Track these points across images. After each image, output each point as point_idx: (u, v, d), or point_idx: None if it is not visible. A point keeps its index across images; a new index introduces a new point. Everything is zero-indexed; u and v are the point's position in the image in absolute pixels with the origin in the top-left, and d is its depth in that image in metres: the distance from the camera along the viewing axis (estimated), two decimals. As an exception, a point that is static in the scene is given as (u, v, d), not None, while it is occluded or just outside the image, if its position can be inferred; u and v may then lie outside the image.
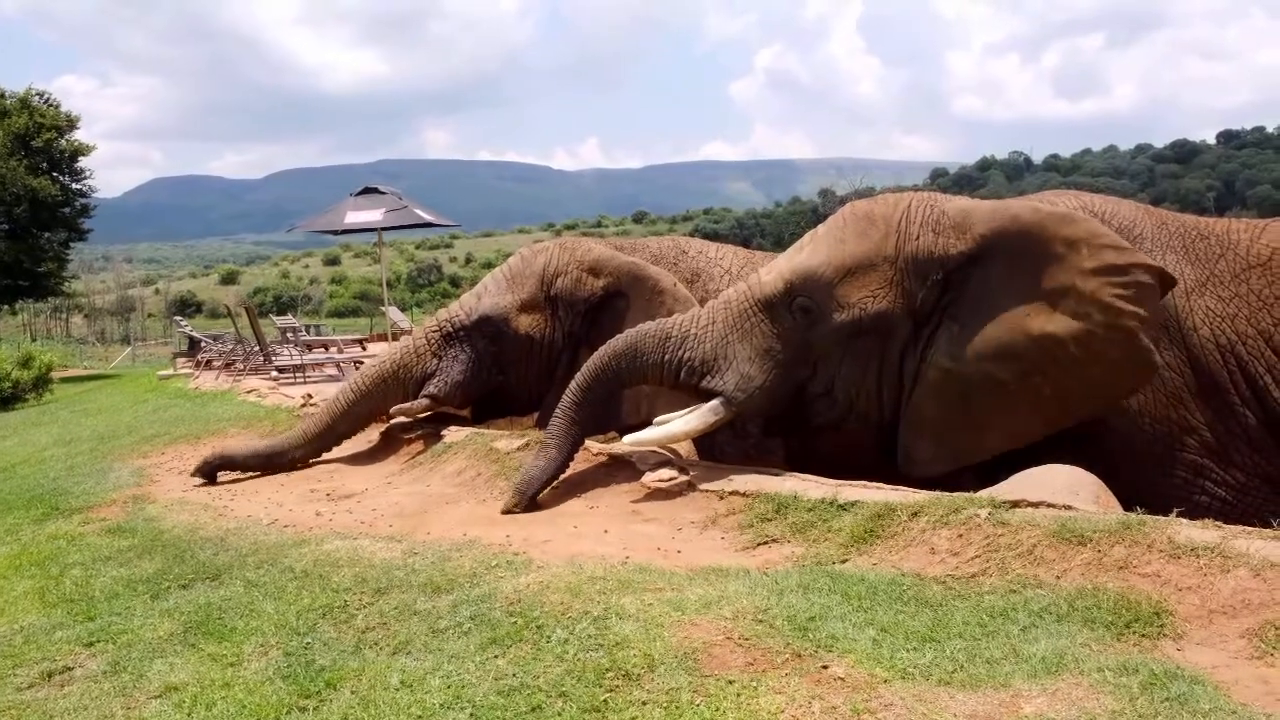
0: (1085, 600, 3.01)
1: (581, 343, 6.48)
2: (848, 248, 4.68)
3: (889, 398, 4.69)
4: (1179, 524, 3.33)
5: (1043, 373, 4.39)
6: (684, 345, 4.84)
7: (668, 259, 6.62)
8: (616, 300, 6.37)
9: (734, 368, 4.73)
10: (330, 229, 14.33)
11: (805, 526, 4.04)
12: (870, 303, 4.58)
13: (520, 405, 6.75)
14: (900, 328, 4.61)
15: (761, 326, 4.75)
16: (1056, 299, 4.40)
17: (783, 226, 70.25)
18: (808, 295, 4.67)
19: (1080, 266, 4.39)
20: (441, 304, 54.48)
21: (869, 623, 2.94)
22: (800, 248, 4.91)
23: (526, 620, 3.15)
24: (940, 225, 4.61)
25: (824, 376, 4.72)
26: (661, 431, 4.85)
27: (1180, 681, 2.45)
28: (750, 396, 4.70)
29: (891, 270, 4.59)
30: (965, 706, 2.39)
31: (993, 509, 3.66)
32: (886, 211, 4.73)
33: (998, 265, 4.50)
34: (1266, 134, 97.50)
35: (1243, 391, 4.51)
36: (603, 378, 4.94)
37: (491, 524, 4.62)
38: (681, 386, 4.87)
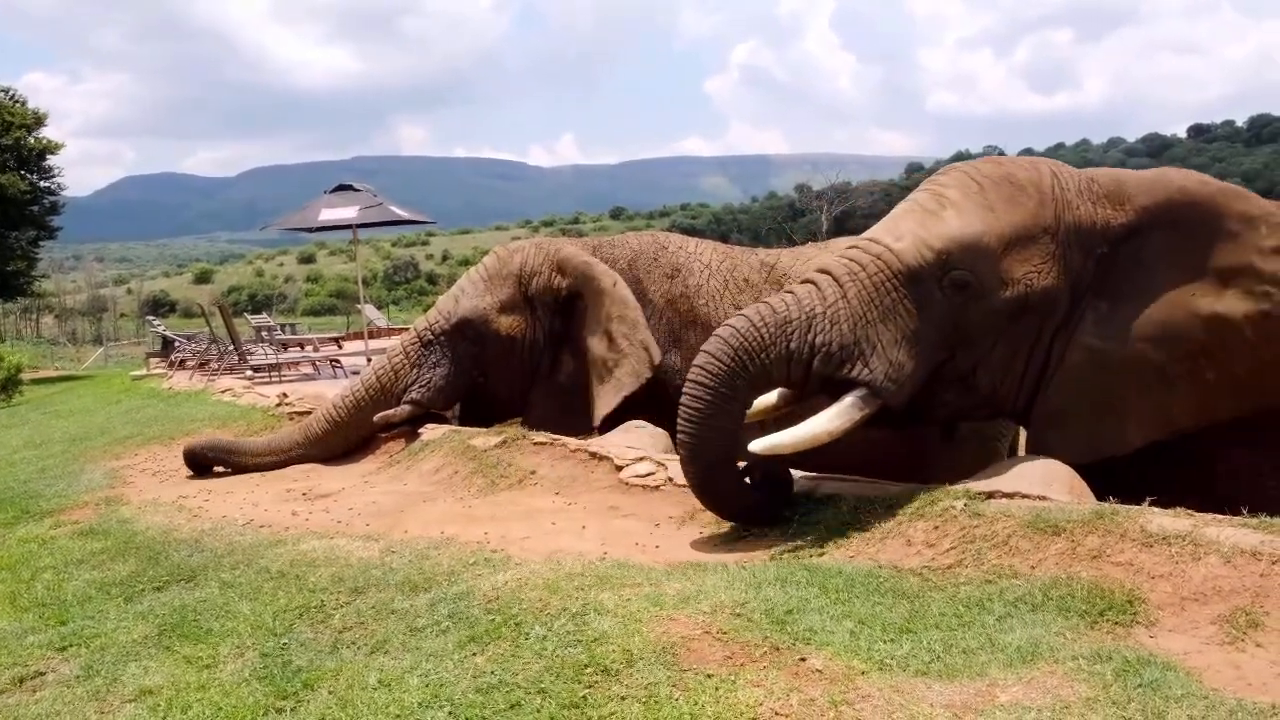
0: (1060, 589, 3.03)
1: (563, 341, 6.49)
2: (1002, 216, 4.11)
3: (1030, 384, 4.25)
4: (1151, 513, 3.36)
5: (1209, 355, 4.03)
6: (812, 328, 4.01)
7: (647, 255, 6.63)
8: (578, 300, 6.42)
9: (879, 353, 4.00)
10: (305, 227, 14.21)
11: (783, 520, 4.05)
12: (1036, 279, 4.06)
13: (504, 405, 6.75)
14: (1060, 307, 4.16)
15: (905, 304, 4.04)
16: (1229, 278, 4.05)
17: (759, 222, 70.42)
18: (967, 267, 4.04)
19: (1259, 245, 4.05)
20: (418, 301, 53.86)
21: (846, 615, 2.95)
22: (929, 213, 4.20)
23: (505, 618, 3.15)
24: (1094, 194, 4.21)
25: (965, 361, 4.15)
26: (801, 434, 3.99)
27: (1153, 668, 2.48)
28: (900, 387, 4.01)
29: (1053, 243, 4.11)
30: (942, 697, 2.41)
31: (968, 500, 3.69)
32: (1030, 176, 4.23)
33: (1158, 240, 4.14)
34: (1236, 128, 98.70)
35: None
36: (725, 405, 3.96)
37: (469, 522, 4.61)
38: (813, 378, 4.06)
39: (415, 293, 61.51)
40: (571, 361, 6.48)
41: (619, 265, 6.54)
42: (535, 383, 6.56)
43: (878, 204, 68.49)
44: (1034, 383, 4.24)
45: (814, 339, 4.01)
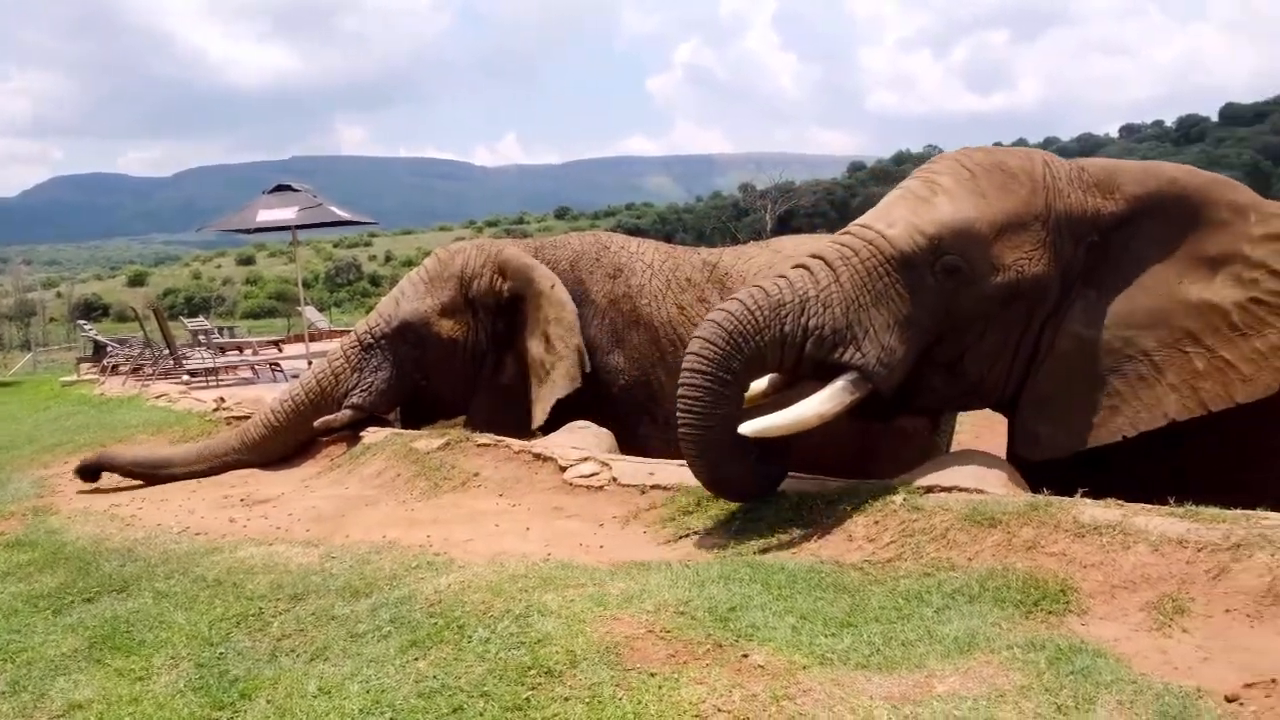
0: (995, 580, 3.09)
1: (505, 345, 6.45)
2: (993, 202, 4.12)
3: (1018, 372, 4.26)
4: (1084, 504, 3.44)
5: (1197, 342, 4.04)
6: (806, 312, 4.00)
7: (589, 255, 6.62)
8: (519, 302, 6.39)
9: (871, 337, 4.00)
10: (242, 228, 13.95)
11: (726, 518, 4.08)
12: (1027, 265, 4.08)
13: (447, 408, 6.70)
14: (1051, 294, 4.18)
15: (898, 288, 4.05)
16: (1218, 265, 4.09)
17: (704, 221, 70.68)
18: (958, 253, 4.05)
19: (1249, 233, 4.09)
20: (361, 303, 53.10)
21: (789, 610, 2.98)
22: (922, 200, 4.22)
23: (448, 621, 3.12)
24: (1085, 183, 4.23)
25: (953, 348, 4.17)
26: (792, 416, 3.96)
27: (1084, 655, 2.54)
28: (891, 371, 4.02)
29: (1044, 230, 4.11)
30: (881, 689, 2.44)
31: (907, 495, 3.74)
32: (1023, 164, 4.25)
33: (1148, 229, 4.18)
34: (1165, 127, 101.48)
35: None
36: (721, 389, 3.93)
37: (412, 525, 4.56)
38: (805, 362, 4.05)
39: (358, 294, 60.64)
40: (513, 364, 6.45)
41: (561, 266, 6.52)
42: (478, 385, 6.52)
43: (821, 203, 69.22)
44: (1023, 371, 4.25)
45: (807, 322, 4.00)
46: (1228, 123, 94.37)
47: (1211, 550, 3.00)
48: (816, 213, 64.68)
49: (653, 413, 6.25)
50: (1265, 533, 3.02)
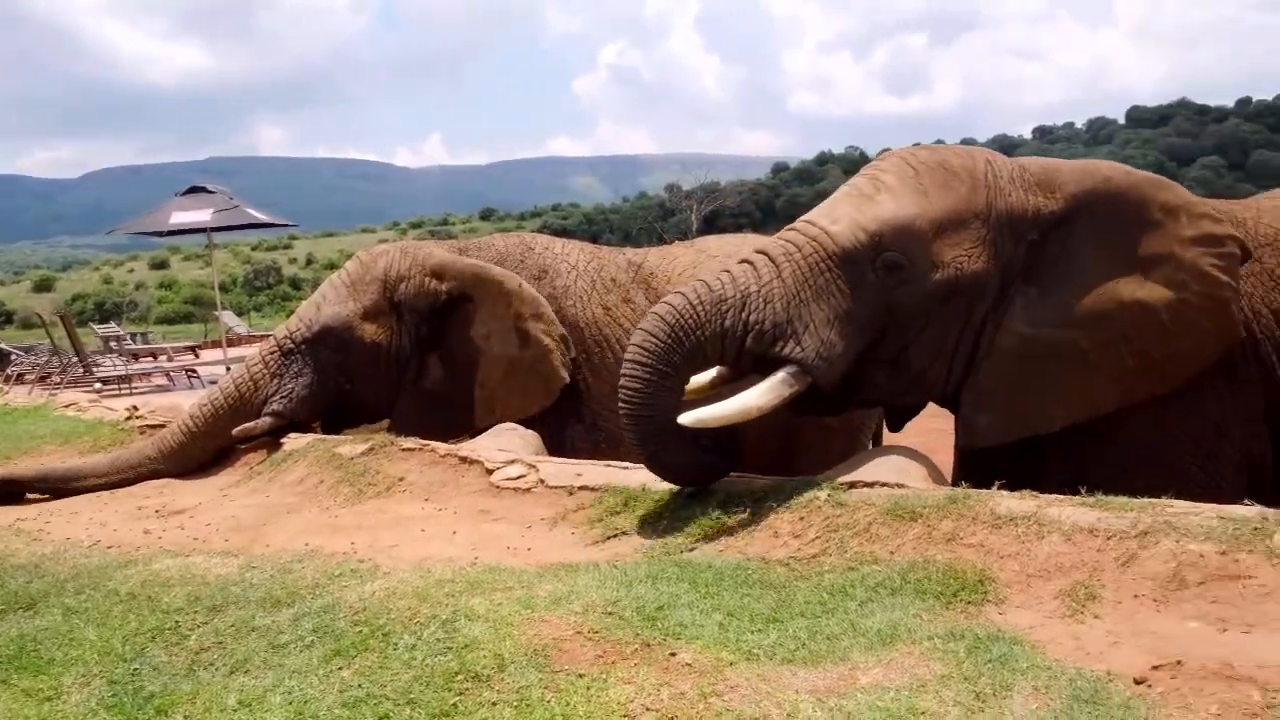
0: (917, 573, 3.16)
1: (430, 348, 6.37)
2: (935, 200, 4.21)
3: (959, 367, 4.35)
4: (1000, 496, 3.54)
5: (1129, 341, 4.16)
6: (746, 306, 4.07)
7: (514, 256, 6.58)
8: (463, 304, 6.31)
9: (812, 332, 4.06)
10: (155, 230, 13.55)
11: (654, 517, 4.09)
12: (966, 262, 4.17)
13: (370, 413, 6.60)
14: (990, 291, 4.26)
15: (839, 284, 4.12)
16: (1151, 266, 4.19)
17: (630, 221, 70.82)
18: (899, 250, 4.13)
19: (1180, 235, 4.19)
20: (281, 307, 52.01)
21: (716, 608, 3.00)
22: (866, 197, 4.30)
23: (372, 629, 3.07)
24: (1026, 182, 4.31)
25: (895, 343, 4.24)
26: (730, 408, 4.02)
27: (1001, 643, 2.61)
28: (831, 365, 4.08)
29: (984, 228, 4.21)
30: (807, 683, 2.48)
31: (831, 491, 3.80)
32: (965, 163, 4.34)
33: (1085, 228, 4.27)
34: (1076, 129, 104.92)
35: (1250, 369, 4.35)
36: (661, 381, 4.01)
37: (335, 532, 4.48)
38: (744, 355, 4.11)
39: (278, 298, 59.34)
40: (439, 368, 6.37)
41: None
42: (401, 390, 6.43)
43: (746, 203, 69.90)
44: (964, 366, 4.34)
45: (748, 317, 4.06)
46: (1134, 125, 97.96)
47: (1120, 538, 3.11)
48: (742, 213, 65.33)
49: (580, 414, 6.25)
50: (1170, 520, 3.14)
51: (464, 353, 6.30)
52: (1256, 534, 2.98)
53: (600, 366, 6.27)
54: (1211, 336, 4.14)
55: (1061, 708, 2.27)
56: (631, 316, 6.33)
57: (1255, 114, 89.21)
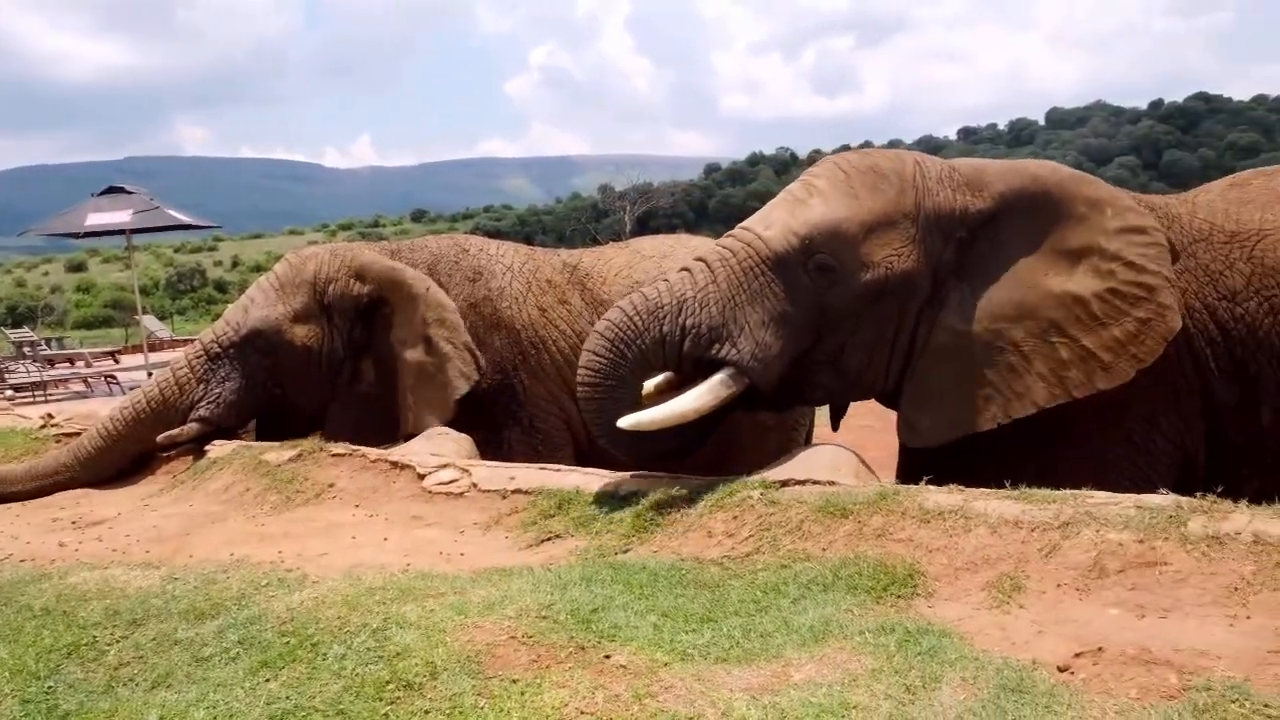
0: (848, 569, 3.20)
1: (363, 351, 6.26)
2: (864, 203, 4.30)
3: (896, 365, 4.42)
4: (928, 491, 3.60)
5: (1061, 333, 4.22)
6: (683, 311, 4.22)
7: (448, 258, 6.50)
8: (383, 307, 6.22)
9: (747, 334, 4.20)
10: (70, 232, 13.12)
11: (588, 520, 4.08)
12: (896, 262, 4.26)
13: (303, 419, 6.44)
14: (922, 290, 4.34)
15: (773, 287, 4.25)
16: (1078, 258, 4.27)
17: (564, 223, 70.62)
18: (830, 252, 4.23)
19: (1104, 226, 4.27)
20: (206, 310, 50.75)
21: (650, 609, 3.00)
22: (798, 201, 4.42)
23: (301, 639, 3.00)
24: (955, 181, 4.40)
25: (831, 343, 4.35)
26: (668, 410, 4.12)
27: (931, 636, 2.65)
28: (767, 366, 4.21)
29: (913, 228, 4.30)
30: (741, 681, 2.49)
31: (764, 490, 3.83)
32: (894, 165, 4.43)
33: (1014, 224, 4.35)
34: (999, 130, 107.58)
35: (1184, 363, 4.40)
36: (611, 394, 4.22)
37: (262, 541, 4.37)
38: (684, 359, 4.25)
39: (202, 301, 57.84)
40: (373, 371, 6.27)
41: (419, 270, 6.39)
42: (334, 394, 6.32)
43: (679, 204, 70.18)
44: (901, 363, 4.41)
45: (684, 321, 4.22)
46: (1054, 126, 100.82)
47: (1044, 529, 3.19)
48: (675, 214, 65.61)
49: (517, 416, 6.19)
50: (1091, 510, 3.23)
51: (389, 356, 6.22)
52: (1172, 522, 3.07)
53: (537, 368, 6.23)
54: (1144, 326, 4.18)
55: (989, 697, 2.31)
56: (568, 318, 6.30)
57: (1167, 115, 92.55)
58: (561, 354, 6.21)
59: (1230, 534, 2.97)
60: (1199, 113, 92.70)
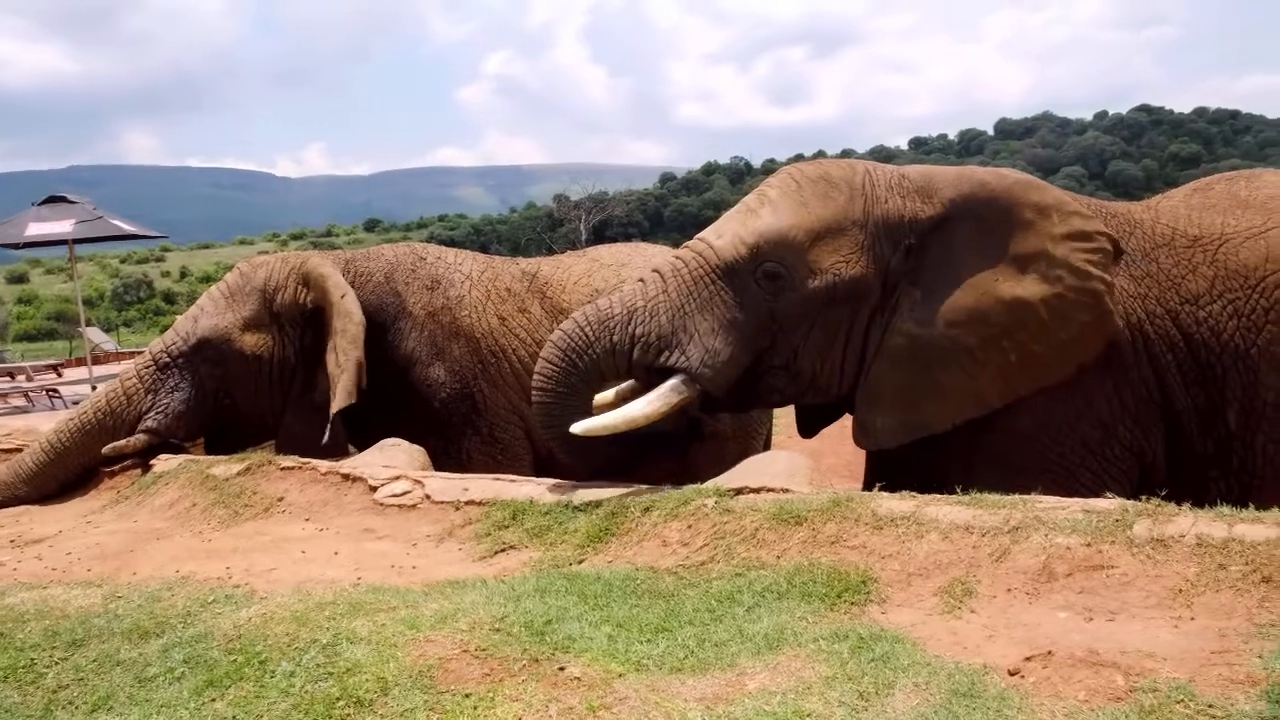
0: (802, 576, 3.21)
1: (316, 361, 6.16)
2: (813, 210, 4.37)
3: (850, 369, 4.47)
4: (881, 497, 3.63)
5: (1011, 337, 4.28)
6: (632, 321, 4.31)
7: (405, 266, 6.43)
8: (320, 314, 6.13)
9: (696, 341, 4.27)
10: (9, 243, 12.79)
11: (542, 530, 4.04)
12: (844, 268, 4.32)
13: (255, 430, 6.31)
14: (872, 295, 4.40)
15: (722, 295, 4.32)
16: (1026, 264, 4.32)
17: (519, 232, 70.42)
18: (777, 260, 4.30)
19: (1051, 232, 4.33)
20: (154, 322, 49.83)
21: (605, 620, 2.98)
22: (750, 211, 4.49)
23: (248, 656, 2.94)
24: (905, 189, 4.46)
25: (785, 348, 4.40)
26: (619, 417, 4.23)
27: (884, 642, 2.67)
28: (717, 372, 4.26)
29: (862, 234, 4.36)
30: (695, 690, 2.48)
31: (718, 498, 3.83)
32: (845, 174, 4.49)
33: (964, 230, 4.40)
34: (949, 140, 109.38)
35: (1144, 369, 4.46)
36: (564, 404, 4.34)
37: (209, 557, 4.28)
38: (635, 367, 4.34)
39: (150, 313, 56.78)
40: (325, 380, 6.18)
41: (375, 278, 6.30)
42: (287, 404, 6.21)
43: (634, 213, 70.35)
44: (855, 367, 4.46)
45: (633, 331, 4.30)
46: (1003, 136, 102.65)
47: (994, 534, 3.23)
48: (630, 222, 65.75)
49: (476, 425, 6.14)
50: (1040, 515, 3.27)
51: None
52: (1118, 525, 3.12)
53: (497, 377, 6.17)
54: (1088, 329, 4.26)
55: (940, 702, 2.33)
56: (528, 326, 6.26)
57: (1111, 126, 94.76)
58: (521, 363, 6.17)
59: (1174, 537, 3.03)
60: (1142, 124, 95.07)
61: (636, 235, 56.36)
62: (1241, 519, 3.09)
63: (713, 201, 79.58)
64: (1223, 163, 66.15)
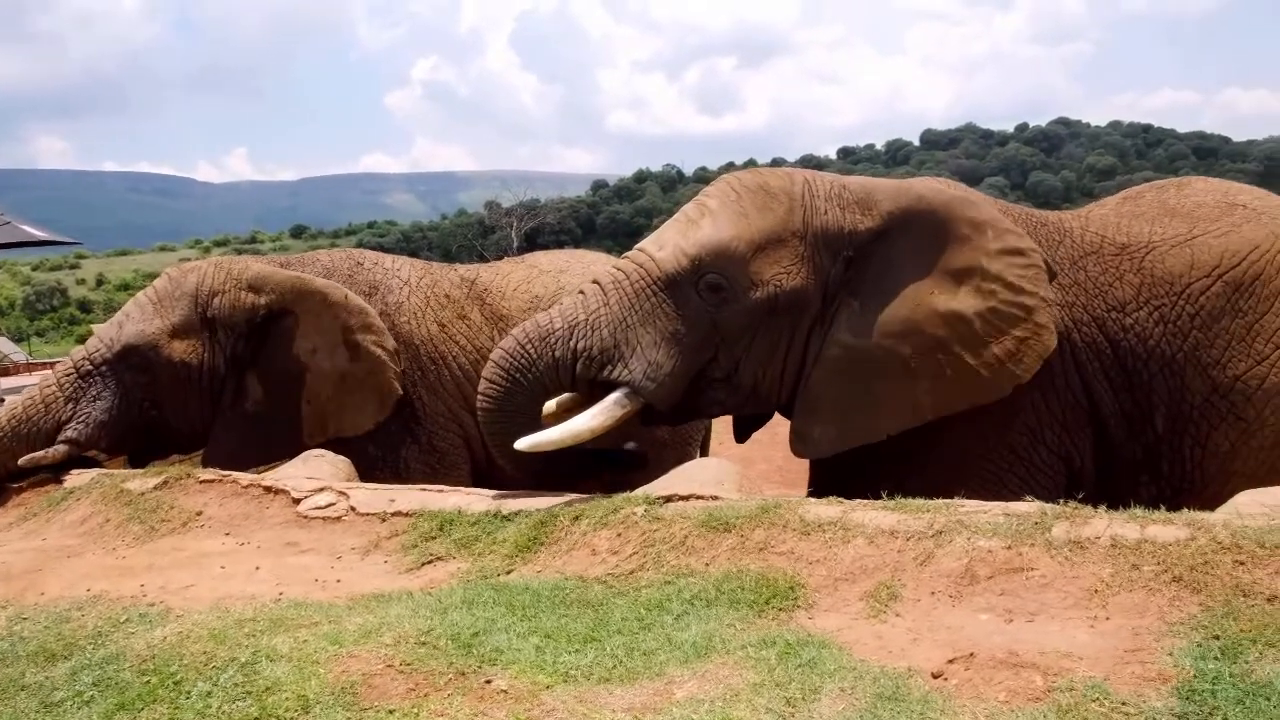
0: (731, 583, 3.21)
1: (247, 366, 5.99)
2: (753, 222, 4.40)
3: (790, 379, 4.50)
4: (809, 503, 3.66)
5: (946, 350, 4.32)
6: (574, 335, 4.32)
7: (342, 272, 6.30)
8: (283, 318, 5.96)
9: (639, 354, 4.29)
10: (-88, 250, 12.26)
11: (470, 541, 3.99)
12: (785, 279, 4.35)
13: (182, 440, 6.11)
14: (813, 306, 4.43)
15: (664, 307, 4.34)
16: (962, 278, 4.37)
17: (450, 239, 69.77)
18: (719, 272, 4.32)
19: (986, 247, 4.38)
20: (68, 332, 48.21)
21: (533, 631, 2.95)
22: (691, 222, 4.51)
23: (162, 677, 2.83)
24: (844, 200, 4.48)
25: (727, 359, 4.42)
26: (564, 431, 4.24)
27: (811, 647, 2.68)
28: (660, 385, 4.28)
29: (802, 245, 4.39)
30: (623, 700, 2.46)
31: (648, 506, 3.82)
32: (783, 184, 4.51)
33: (902, 243, 4.44)
34: (876, 150, 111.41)
35: (1070, 375, 4.53)
36: (511, 421, 4.34)
37: (123, 575, 4.13)
38: (578, 381, 4.36)
39: (64, 322, 54.92)
40: (259, 388, 5.97)
41: None
42: (217, 414, 6.01)
43: (566, 220, 70.23)
44: (794, 378, 4.49)
45: (575, 345, 4.31)
46: (928, 146, 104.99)
47: (918, 538, 3.27)
48: (563, 230, 65.65)
49: (415, 434, 6.03)
50: (962, 518, 3.33)
51: (287, 370, 5.94)
52: (1037, 528, 3.20)
53: (436, 384, 6.08)
54: (1022, 344, 4.31)
55: (866, 707, 2.35)
56: (468, 333, 6.19)
57: (1031, 139, 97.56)
58: (462, 370, 6.10)
59: (1090, 538, 3.11)
60: (1061, 136, 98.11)
61: (569, 242, 56.24)
62: (1154, 520, 3.18)
63: (645, 209, 79.84)
64: (1137, 175, 68.61)
